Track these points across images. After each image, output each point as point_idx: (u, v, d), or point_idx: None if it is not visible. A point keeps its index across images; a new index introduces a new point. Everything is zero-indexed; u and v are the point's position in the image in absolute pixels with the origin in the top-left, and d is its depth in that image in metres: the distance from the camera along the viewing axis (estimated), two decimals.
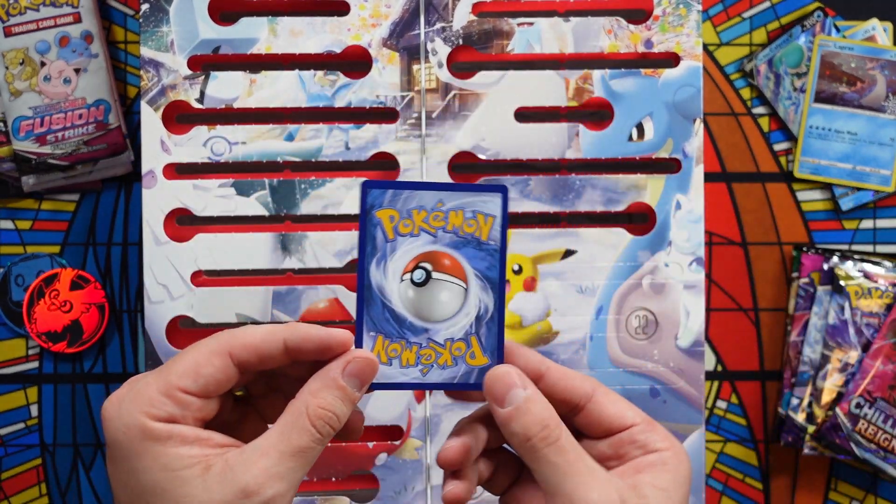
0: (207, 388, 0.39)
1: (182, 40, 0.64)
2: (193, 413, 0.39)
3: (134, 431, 0.38)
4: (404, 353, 0.42)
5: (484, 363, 0.42)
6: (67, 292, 0.68)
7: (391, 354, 0.42)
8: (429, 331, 0.42)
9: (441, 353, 0.42)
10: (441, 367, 0.42)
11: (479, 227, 0.42)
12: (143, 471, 0.38)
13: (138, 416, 0.38)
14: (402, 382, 0.42)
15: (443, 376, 0.42)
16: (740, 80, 0.71)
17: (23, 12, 0.67)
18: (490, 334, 0.42)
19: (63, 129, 0.67)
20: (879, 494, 0.71)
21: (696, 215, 0.65)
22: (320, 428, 0.39)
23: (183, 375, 0.39)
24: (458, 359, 0.42)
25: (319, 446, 0.39)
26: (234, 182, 0.64)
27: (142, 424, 0.38)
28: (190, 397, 0.39)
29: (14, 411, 0.70)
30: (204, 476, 0.37)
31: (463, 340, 0.42)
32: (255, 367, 0.40)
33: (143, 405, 0.38)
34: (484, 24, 0.65)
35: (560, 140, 0.65)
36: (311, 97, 0.65)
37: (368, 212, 0.41)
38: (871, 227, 0.71)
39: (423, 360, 0.42)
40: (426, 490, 0.64)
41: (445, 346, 0.42)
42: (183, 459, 0.38)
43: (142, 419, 0.38)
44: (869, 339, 0.67)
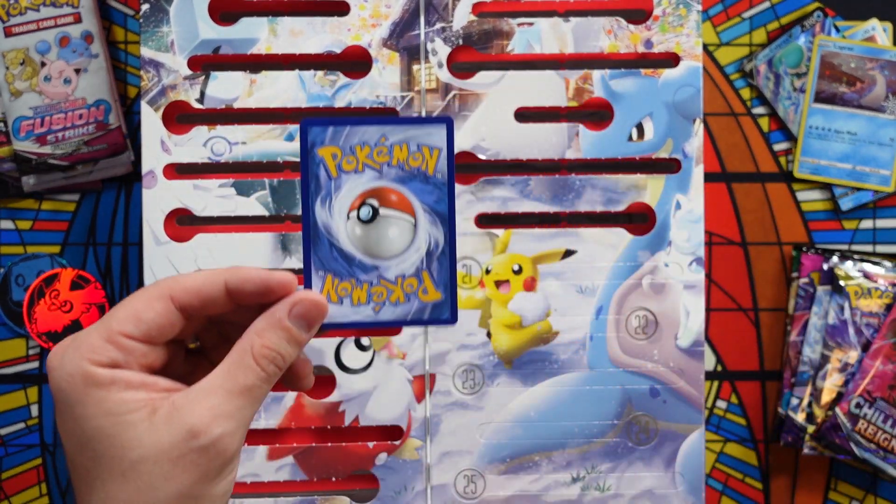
0: (150, 333, 0.39)
1: (182, 40, 0.64)
2: (137, 359, 0.39)
3: (76, 379, 0.37)
4: (355, 291, 0.41)
5: (437, 298, 0.41)
6: (68, 292, 0.68)
7: (341, 294, 0.41)
8: (379, 268, 0.41)
9: (393, 290, 0.41)
10: (394, 305, 0.41)
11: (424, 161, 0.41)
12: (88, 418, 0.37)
13: (80, 363, 0.37)
14: (353, 322, 0.41)
15: (396, 313, 0.41)
16: (740, 81, 0.71)
17: (23, 12, 0.67)
18: (441, 268, 0.41)
19: (63, 129, 0.67)
20: (879, 494, 0.71)
21: (696, 215, 0.65)
22: (265, 367, 0.39)
23: (124, 321, 0.38)
24: (411, 295, 0.41)
25: (266, 385, 0.39)
26: (235, 182, 0.64)
27: (84, 371, 0.37)
28: (132, 342, 0.38)
29: (14, 411, 0.70)
30: (150, 419, 0.37)
31: (414, 276, 0.41)
32: (198, 312, 0.40)
33: (86, 352, 0.37)
34: (484, 24, 0.65)
35: (560, 140, 0.65)
36: (311, 97, 0.65)
37: (310, 150, 0.40)
38: (870, 227, 0.71)
39: (375, 297, 0.41)
40: (426, 490, 0.64)
41: (397, 282, 0.41)
42: (127, 404, 0.37)
43: (84, 365, 0.37)
44: (869, 339, 0.67)
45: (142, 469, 0.37)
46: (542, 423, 0.65)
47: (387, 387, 0.64)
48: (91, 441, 0.37)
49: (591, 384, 0.65)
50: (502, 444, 0.64)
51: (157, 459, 0.37)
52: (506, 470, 0.65)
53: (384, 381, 0.64)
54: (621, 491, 0.65)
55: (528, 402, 0.65)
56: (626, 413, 0.65)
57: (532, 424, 0.65)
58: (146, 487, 0.37)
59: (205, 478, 0.37)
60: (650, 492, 0.65)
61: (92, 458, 0.37)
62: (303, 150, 0.40)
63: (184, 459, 0.37)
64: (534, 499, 0.65)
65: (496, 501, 0.65)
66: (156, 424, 0.37)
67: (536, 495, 0.65)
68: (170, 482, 0.37)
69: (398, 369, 0.64)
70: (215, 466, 0.38)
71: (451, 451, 0.64)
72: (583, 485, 0.65)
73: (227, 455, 0.38)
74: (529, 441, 0.65)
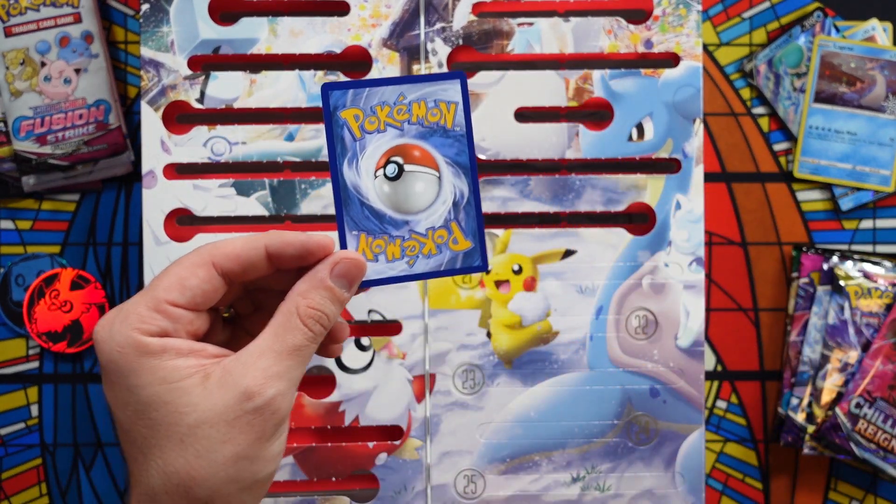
0: (195, 300, 0.39)
1: (182, 40, 0.64)
2: (185, 326, 0.39)
3: (128, 349, 0.38)
4: (388, 247, 0.42)
5: (467, 246, 0.43)
6: (68, 292, 0.68)
7: (376, 251, 0.42)
8: (409, 223, 0.42)
9: (424, 242, 0.42)
10: (426, 257, 0.43)
11: (443, 115, 0.42)
12: (142, 386, 0.38)
13: (131, 334, 0.38)
14: (391, 277, 0.42)
15: (429, 265, 0.43)
16: (740, 81, 0.71)
17: (23, 12, 0.67)
18: (469, 218, 0.43)
19: (63, 129, 0.67)
20: (879, 494, 0.71)
21: (696, 215, 0.65)
22: (311, 326, 0.39)
23: (169, 289, 0.39)
24: (442, 246, 0.43)
25: (313, 345, 0.40)
26: (235, 182, 0.64)
27: (135, 341, 0.38)
28: (179, 310, 0.39)
29: (14, 411, 0.70)
30: (204, 384, 0.38)
31: (444, 227, 0.43)
32: (239, 277, 0.41)
33: (135, 322, 0.38)
34: (484, 24, 0.65)
35: (560, 140, 0.65)
36: (311, 97, 0.65)
37: (333, 113, 0.41)
38: (870, 227, 0.71)
39: (408, 251, 0.42)
40: (426, 490, 0.64)
41: (427, 235, 0.42)
42: (180, 370, 0.38)
43: (135, 336, 0.38)
44: (868, 339, 0.67)
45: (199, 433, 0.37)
46: (542, 423, 0.65)
47: (387, 387, 0.64)
48: (147, 409, 0.38)
49: (591, 384, 0.65)
50: (502, 444, 0.64)
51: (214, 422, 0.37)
52: (506, 470, 0.65)
53: (384, 381, 0.64)
54: (621, 491, 0.65)
55: (528, 402, 0.65)
56: (626, 413, 0.65)
57: (532, 424, 0.65)
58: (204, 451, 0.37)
59: (261, 438, 0.38)
60: (650, 492, 0.65)
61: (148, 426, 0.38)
62: (326, 114, 0.41)
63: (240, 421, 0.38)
64: (534, 499, 0.65)
65: (496, 501, 0.65)
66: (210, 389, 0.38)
67: (536, 495, 0.65)
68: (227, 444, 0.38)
69: (398, 369, 0.64)
70: (270, 426, 0.38)
71: (451, 451, 0.64)
72: (583, 485, 0.65)
73: (280, 414, 0.39)
74: (529, 441, 0.65)
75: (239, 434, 0.38)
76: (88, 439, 0.70)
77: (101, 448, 0.70)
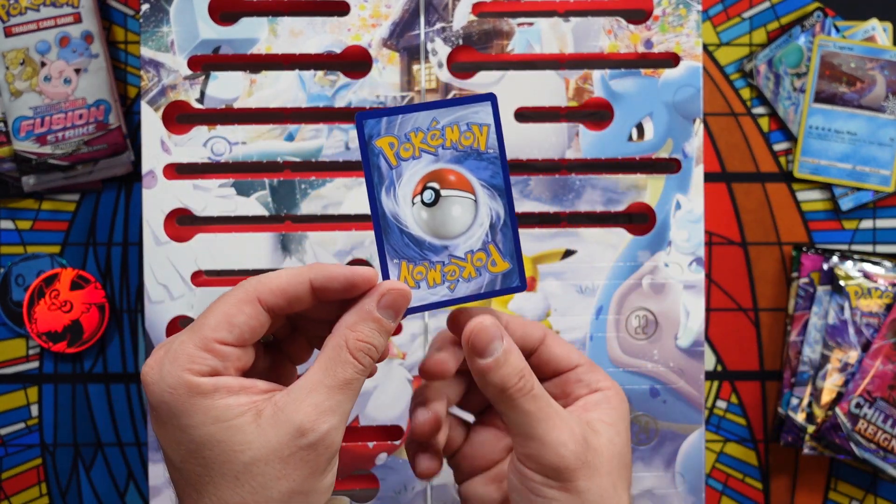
0: (243, 337, 0.40)
1: (182, 40, 0.64)
2: (234, 363, 0.40)
3: (180, 390, 0.38)
4: (429, 273, 0.43)
5: (506, 268, 0.43)
6: (68, 292, 0.68)
7: (417, 277, 0.42)
8: (448, 247, 0.43)
9: (464, 266, 0.43)
10: (466, 280, 0.43)
11: (476, 139, 0.42)
12: (196, 426, 0.38)
13: (182, 374, 0.38)
14: (433, 302, 0.43)
15: (470, 288, 0.43)
16: (740, 81, 0.71)
17: (23, 12, 0.67)
18: (506, 239, 0.43)
19: (63, 129, 0.67)
20: (879, 494, 0.71)
21: (696, 215, 0.65)
22: (361, 359, 0.40)
23: (217, 328, 0.39)
24: (481, 269, 0.43)
25: (362, 377, 0.40)
26: (234, 182, 0.64)
27: (187, 382, 0.38)
28: (228, 348, 0.39)
29: (14, 411, 0.70)
30: (257, 422, 0.38)
31: (482, 250, 0.43)
32: (283, 311, 0.41)
33: (185, 363, 0.38)
34: (484, 24, 0.65)
35: (560, 140, 0.65)
36: (311, 97, 0.65)
37: (368, 143, 0.42)
38: (870, 227, 0.71)
39: (448, 276, 0.43)
40: (426, 490, 0.64)
41: (466, 258, 0.43)
42: (233, 409, 0.38)
43: (186, 376, 0.38)
44: (869, 339, 0.67)
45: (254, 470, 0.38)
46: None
47: (387, 387, 0.64)
48: (201, 448, 0.38)
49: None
50: None
51: (269, 459, 0.38)
52: None
53: (384, 381, 0.64)
54: None
55: None
56: None
57: None
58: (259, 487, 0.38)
59: (314, 473, 0.39)
60: (650, 492, 0.65)
61: (202, 465, 0.38)
62: (361, 144, 0.42)
63: (294, 457, 0.38)
64: None
65: None
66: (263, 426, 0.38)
67: None
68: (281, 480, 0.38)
69: (398, 369, 0.64)
70: (323, 461, 0.39)
71: None
72: None
73: (332, 449, 0.39)
74: None
75: (294, 470, 0.38)
76: (88, 439, 0.70)
77: (101, 448, 0.70)
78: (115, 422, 0.70)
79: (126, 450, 0.70)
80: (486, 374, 0.42)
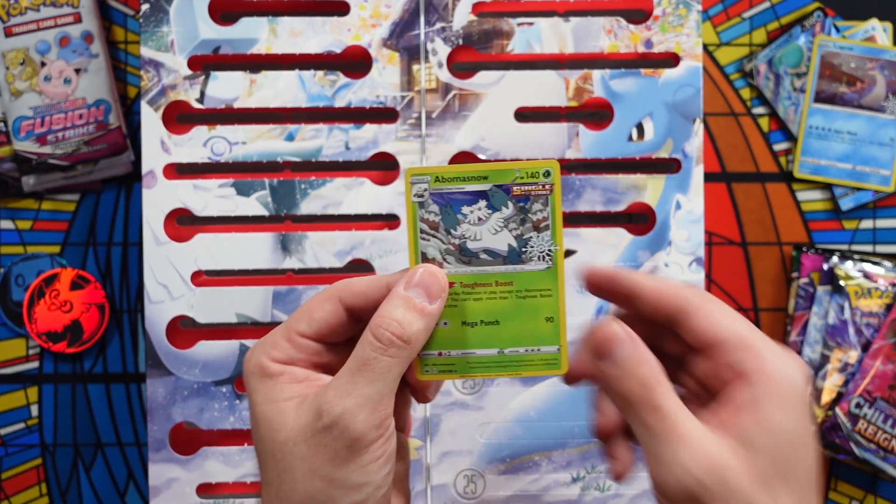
0: (321, 331, 0.41)
1: (182, 40, 0.64)
2: (310, 356, 0.41)
3: (256, 370, 0.41)
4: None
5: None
6: (68, 292, 0.68)
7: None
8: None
9: None
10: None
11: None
12: (257, 404, 0.40)
13: (261, 358, 0.41)
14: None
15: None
16: (740, 81, 0.71)
17: (23, 12, 0.67)
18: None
19: (63, 129, 0.67)
20: (879, 494, 0.71)
21: (696, 215, 0.65)
22: (380, 336, 0.39)
23: (299, 320, 0.41)
24: None
25: (385, 357, 0.39)
26: (234, 182, 0.64)
27: (262, 364, 0.41)
28: (305, 340, 0.41)
29: (14, 411, 0.70)
30: (298, 407, 0.39)
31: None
32: (364, 313, 0.42)
33: (268, 348, 0.41)
34: (484, 24, 0.65)
35: (560, 140, 0.65)
36: (311, 97, 0.65)
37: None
38: (870, 227, 0.71)
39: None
40: (426, 490, 0.64)
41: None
42: (286, 392, 0.40)
43: (263, 360, 0.41)
44: (869, 339, 0.67)
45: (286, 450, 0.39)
46: (542, 423, 0.65)
47: None
48: (257, 425, 0.40)
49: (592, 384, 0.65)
50: (502, 444, 0.64)
51: (297, 441, 0.39)
52: (506, 470, 0.65)
53: None
54: (621, 491, 0.65)
55: (528, 402, 0.65)
56: None
57: (532, 424, 0.65)
58: (287, 468, 0.39)
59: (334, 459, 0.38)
60: (650, 492, 0.65)
61: (258, 441, 0.40)
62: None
63: (314, 440, 0.39)
64: (534, 499, 0.65)
65: (496, 501, 0.65)
66: (300, 410, 0.39)
67: (536, 495, 0.65)
68: (303, 462, 0.39)
69: None
70: (342, 447, 0.38)
71: (451, 451, 0.64)
72: (583, 485, 0.65)
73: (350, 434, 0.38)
74: (529, 441, 0.65)
75: (314, 453, 0.38)
76: (88, 439, 0.70)
77: (101, 448, 0.70)
78: (115, 422, 0.70)
79: (126, 450, 0.70)
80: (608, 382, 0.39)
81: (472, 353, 0.42)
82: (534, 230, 0.41)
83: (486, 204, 0.41)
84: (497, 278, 0.41)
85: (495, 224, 0.41)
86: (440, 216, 0.41)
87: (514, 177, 0.41)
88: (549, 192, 0.41)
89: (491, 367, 0.42)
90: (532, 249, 0.41)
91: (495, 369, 0.42)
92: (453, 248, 0.41)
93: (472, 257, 0.41)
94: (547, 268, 0.41)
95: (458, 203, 0.41)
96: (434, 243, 0.41)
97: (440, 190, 0.41)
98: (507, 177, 0.41)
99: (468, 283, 0.41)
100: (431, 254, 0.41)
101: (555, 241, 0.41)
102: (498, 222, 0.41)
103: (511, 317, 0.41)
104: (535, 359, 0.42)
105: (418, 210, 0.41)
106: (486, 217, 0.41)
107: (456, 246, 0.41)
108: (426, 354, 0.41)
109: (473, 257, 0.41)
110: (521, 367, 0.42)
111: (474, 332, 0.41)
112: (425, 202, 0.41)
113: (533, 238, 0.41)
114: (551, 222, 0.41)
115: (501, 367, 0.42)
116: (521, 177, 0.41)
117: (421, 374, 0.42)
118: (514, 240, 0.41)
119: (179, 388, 0.64)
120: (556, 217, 0.41)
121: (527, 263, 0.41)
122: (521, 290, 0.41)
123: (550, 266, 0.41)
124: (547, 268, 0.41)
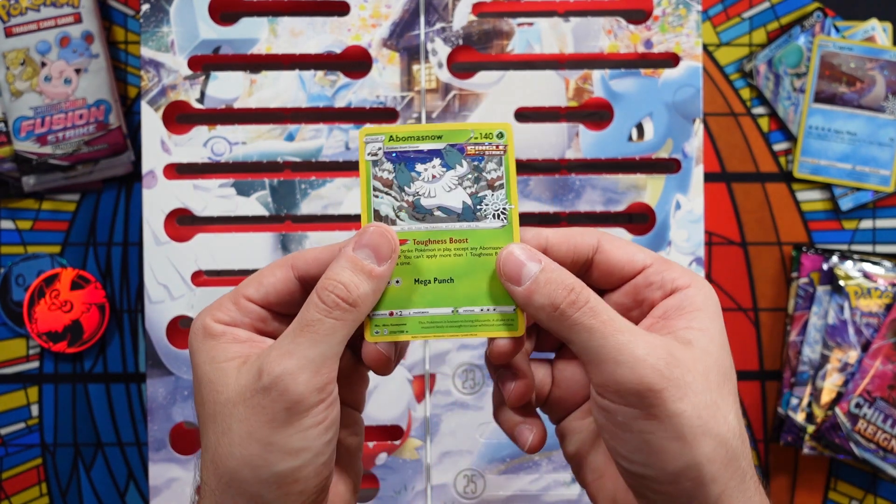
0: (268, 296, 0.41)
1: (182, 40, 0.64)
2: (254, 321, 0.41)
3: (199, 332, 0.40)
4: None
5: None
6: (68, 292, 0.68)
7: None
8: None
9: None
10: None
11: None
12: (198, 365, 0.40)
13: (205, 319, 0.41)
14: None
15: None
16: (740, 81, 0.71)
17: (23, 13, 0.67)
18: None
19: (64, 129, 0.67)
20: (879, 494, 0.71)
21: (696, 215, 0.65)
22: (324, 297, 0.38)
23: (248, 285, 0.41)
24: None
25: (329, 319, 0.38)
26: (235, 182, 0.64)
27: (205, 325, 0.40)
28: (252, 305, 0.41)
29: (14, 411, 0.70)
30: (240, 368, 0.39)
31: None
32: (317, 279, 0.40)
33: (213, 310, 0.41)
34: (484, 24, 0.65)
35: (560, 140, 0.65)
36: (312, 97, 0.65)
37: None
38: (870, 227, 0.71)
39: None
40: (426, 490, 0.64)
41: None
42: (227, 353, 0.39)
43: (207, 321, 0.40)
44: (868, 339, 0.68)
45: (225, 411, 0.38)
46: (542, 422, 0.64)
47: (387, 387, 0.64)
48: (199, 385, 0.40)
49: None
50: (502, 444, 0.64)
51: (236, 402, 0.38)
52: (506, 470, 0.65)
53: (384, 381, 0.64)
54: None
55: None
56: None
57: None
58: (227, 429, 0.38)
59: (272, 422, 0.37)
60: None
61: (199, 403, 0.40)
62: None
63: (252, 401, 0.38)
64: (534, 499, 0.65)
65: (496, 501, 0.65)
66: (241, 371, 0.39)
67: (536, 495, 0.65)
68: (242, 423, 0.38)
69: (398, 369, 0.64)
70: (280, 409, 0.37)
71: (451, 450, 0.65)
72: None
73: (289, 396, 0.37)
74: None
75: (252, 415, 0.38)
76: (88, 439, 0.70)
77: (101, 448, 0.70)
78: (116, 422, 0.70)
79: (126, 450, 0.70)
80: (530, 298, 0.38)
81: (425, 311, 0.40)
82: (488, 188, 0.41)
83: (440, 162, 0.41)
84: (451, 235, 0.40)
85: (449, 182, 0.41)
86: (394, 174, 0.41)
87: (468, 136, 0.41)
88: (502, 152, 0.41)
89: (444, 328, 0.40)
90: (487, 207, 0.41)
91: (449, 329, 0.40)
92: (407, 205, 0.40)
93: (425, 214, 0.40)
94: (502, 226, 0.40)
95: (412, 161, 0.41)
96: (387, 200, 0.41)
97: (394, 149, 0.41)
98: (462, 136, 0.41)
99: (421, 239, 0.40)
100: (384, 211, 0.40)
101: (509, 201, 0.41)
102: (452, 180, 0.41)
103: (466, 274, 0.40)
104: (491, 318, 0.40)
105: (371, 168, 0.41)
106: (441, 175, 0.41)
107: (410, 203, 0.40)
108: (376, 315, 0.40)
109: (427, 214, 0.40)
110: (476, 328, 0.40)
111: (427, 291, 0.40)
112: (379, 160, 0.41)
113: (488, 196, 0.41)
114: (506, 182, 0.41)
115: (455, 326, 0.40)
116: (475, 137, 0.41)
117: (371, 335, 0.40)
118: (468, 197, 0.41)
119: (180, 388, 0.64)
120: (511, 178, 0.41)
121: (481, 221, 0.40)
122: (476, 248, 0.40)
123: (505, 224, 0.40)
124: (502, 226, 0.40)
